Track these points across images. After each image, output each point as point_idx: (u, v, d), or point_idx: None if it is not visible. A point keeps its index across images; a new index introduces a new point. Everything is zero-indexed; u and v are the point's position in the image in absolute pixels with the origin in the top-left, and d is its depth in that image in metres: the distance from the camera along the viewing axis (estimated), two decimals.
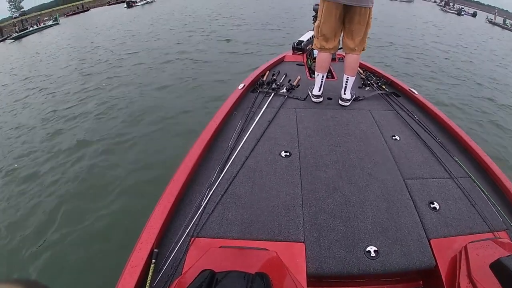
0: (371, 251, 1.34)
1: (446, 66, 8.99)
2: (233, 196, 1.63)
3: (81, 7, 35.74)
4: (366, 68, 3.46)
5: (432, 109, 2.55)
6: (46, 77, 8.79)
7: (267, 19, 15.43)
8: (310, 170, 1.82)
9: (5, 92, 8.19)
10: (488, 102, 6.43)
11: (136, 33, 14.28)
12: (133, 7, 28.56)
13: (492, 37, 18.55)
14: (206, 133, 2.02)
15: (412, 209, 1.57)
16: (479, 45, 14.12)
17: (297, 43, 3.92)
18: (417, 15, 23.34)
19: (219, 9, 20.54)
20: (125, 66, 8.62)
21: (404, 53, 9.92)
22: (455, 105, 6.00)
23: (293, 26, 13.30)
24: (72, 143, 4.61)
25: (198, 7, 22.92)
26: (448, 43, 12.83)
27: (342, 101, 2.61)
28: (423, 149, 2.08)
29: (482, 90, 7.29)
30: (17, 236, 3.03)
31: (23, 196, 3.61)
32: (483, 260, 1.18)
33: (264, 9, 20.26)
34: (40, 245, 2.87)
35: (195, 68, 7.82)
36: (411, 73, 7.75)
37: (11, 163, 4.33)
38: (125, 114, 5.48)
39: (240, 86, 2.73)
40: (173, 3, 27.93)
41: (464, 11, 30.82)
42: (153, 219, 1.39)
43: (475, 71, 8.94)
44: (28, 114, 6.20)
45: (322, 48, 2.52)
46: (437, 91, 6.66)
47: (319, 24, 2.44)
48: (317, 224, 1.47)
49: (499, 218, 1.56)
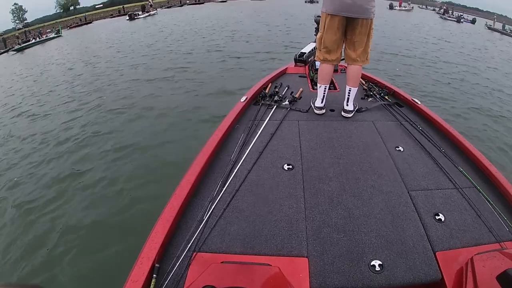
0: (375, 265, 1.32)
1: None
2: (235, 210, 1.62)
3: (84, 20, 36.14)
4: (368, 79, 3.45)
5: (435, 119, 2.52)
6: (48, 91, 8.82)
7: (265, 35, 15.03)
8: (313, 183, 1.81)
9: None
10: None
11: (139, 46, 14.41)
12: (135, 19, 28.88)
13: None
14: (208, 146, 2.02)
15: (417, 221, 1.55)
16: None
17: (299, 55, 3.93)
18: (419, 24, 23.16)
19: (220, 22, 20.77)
20: (124, 79, 8.70)
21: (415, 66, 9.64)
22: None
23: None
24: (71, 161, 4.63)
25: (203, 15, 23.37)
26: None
27: (345, 112, 2.60)
28: (427, 159, 2.05)
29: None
30: (17, 246, 3.05)
31: (21, 209, 3.64)
32: (490, 272, 1.15)
33: (258, 23, 20.24)
34: (39, 259, 2.87)
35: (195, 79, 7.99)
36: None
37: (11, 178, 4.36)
38: (126, 127, 5.52)
39: (242, 98, 2.73)
40: (173, 16, 28.38)
41: (464, 18, 30.82)
42: (155, 233, 1.38)
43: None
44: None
45: (325, 60, 2.53)
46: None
47: (321, 36, 2.46)
48: (321, 238, 1.45)
49: (505, 228, 1.53)
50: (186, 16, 26.90)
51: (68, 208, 3.55)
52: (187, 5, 44.10)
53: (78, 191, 3.84)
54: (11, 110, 7.60)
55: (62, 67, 12.12)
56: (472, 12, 46.25)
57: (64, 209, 3.55)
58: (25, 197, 3.81)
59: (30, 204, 3.68)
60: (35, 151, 5.05)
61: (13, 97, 8.82)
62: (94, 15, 43.55)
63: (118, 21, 30.70)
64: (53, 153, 4.88)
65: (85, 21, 35.19)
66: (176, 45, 13.42)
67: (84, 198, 3.69)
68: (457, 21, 29.62)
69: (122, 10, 40.07)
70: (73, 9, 54.53)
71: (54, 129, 5.81)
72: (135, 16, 29.84)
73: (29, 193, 3.88)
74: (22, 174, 4.38)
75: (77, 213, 3.45)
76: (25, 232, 3.25)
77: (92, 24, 33.71)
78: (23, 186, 4.07)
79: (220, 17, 23.47)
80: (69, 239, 3.08)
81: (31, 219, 3.43)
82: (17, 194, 3.92)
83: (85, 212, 3.45)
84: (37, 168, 4.48)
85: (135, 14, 30.46)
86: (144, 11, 32.52)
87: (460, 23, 28.84)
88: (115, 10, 43.89)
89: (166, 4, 45.05)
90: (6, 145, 5.50)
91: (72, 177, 4.13)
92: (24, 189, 3.98)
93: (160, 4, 45.19)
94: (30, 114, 7.00)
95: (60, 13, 52.73)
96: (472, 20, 31.60)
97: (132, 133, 5.23)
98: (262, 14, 24.84)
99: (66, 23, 36.68)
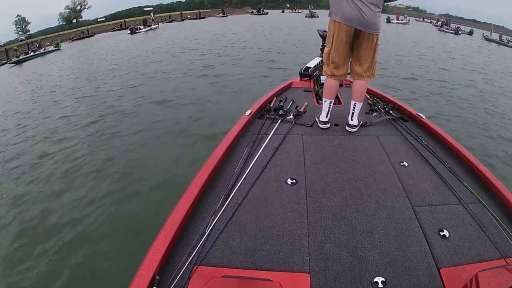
0: (378, 282, 1.30)
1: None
2: (237, 224, 1.61)
3: (86, 32, 36.57)
4: (373, 93, 3.46)
5: (440, 133, 2.51)
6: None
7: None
8: (316, 198, 1.80)
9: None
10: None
11: (145, 57, 14.46)
12: (136, 33, 29.15)
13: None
14: (212, 159, 2.02)
15: (421, 238, 1.53)
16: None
17: (304, 69, 3.96)
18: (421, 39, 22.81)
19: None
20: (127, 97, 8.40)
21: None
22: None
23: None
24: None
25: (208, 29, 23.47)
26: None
27: (349, 127, 2.61)
28: (432, 174, 2.04)
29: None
30: (14, 260, 3.03)
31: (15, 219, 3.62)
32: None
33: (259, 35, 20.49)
34: (39, 271, 2.85)
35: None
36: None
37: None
38: (129, 137, 5.54)
39: (247, 112, 2.75)
40: (176, 30, 28.63)
41: (461, 30, 31.18)
42: (156, 245, 1.38)
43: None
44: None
45: (332, 75, 2.54)
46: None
47: (329, 52, 2.47)
48: (323, 254, 1.44)
49: (511, 244, 1.50)
50: (187, 31, 27.13)
51: (67, 215, 3.55)
52: (188, 20, 44.73)
53: (76, 200, 3.83)
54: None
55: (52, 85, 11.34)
56: (470, 24, 46.68)
57: (63, 216, 3.55)
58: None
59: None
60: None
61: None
62: (96, 28, 43.99)
63: (120, 34, 30.94)
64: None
65: (87, 34, 35.53)
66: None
67: (83, 205, 3.70)
68: (455, 33, 29.86)
69: (124, 24, 40.48)
70: (75, 22, 55.27)
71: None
72: (136, 30, 30.07)
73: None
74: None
75: (75, 220, 3.45)
76: (20, 244, 3.22)
77: (94, 37, 34.04)
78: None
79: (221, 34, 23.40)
80: (67, 248, 3.07)
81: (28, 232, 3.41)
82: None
83: (83, 220, 3.45)
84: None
85: (137, 28, 30.67)
86: (146, 25, 32.83)
87: (458, 35, 29.07)
88: (117, 24, 44.33)
89: (168, 19, 45.64)
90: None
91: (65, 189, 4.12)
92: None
93: (162, 18, 45.84)
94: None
95: (63, 25, 53.39)
96: (469, 31, 31.88)
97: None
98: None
99: (69, 35, 37.05)
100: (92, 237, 3.19)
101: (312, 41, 13.01)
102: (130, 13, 59.53)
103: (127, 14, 57.66)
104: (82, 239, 3.17)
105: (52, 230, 3.36)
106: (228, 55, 13.52)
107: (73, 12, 56.33)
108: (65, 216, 3.56)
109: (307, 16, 39.91)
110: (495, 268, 1.27)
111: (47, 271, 2.84)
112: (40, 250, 3.09)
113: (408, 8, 72.49)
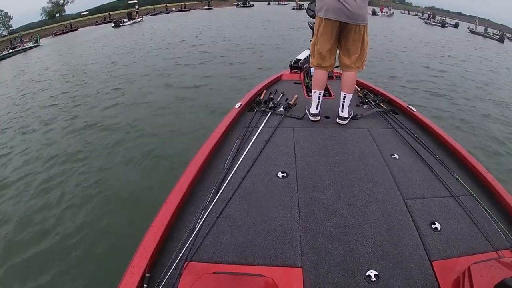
0: (371, 275, 1.30)
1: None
2: (228, 218, 1.58)
3: (69, 27, 35.46)
4: (363, 86, 3.46)
5: (431, 126, 2.52)
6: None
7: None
8: (307, 192, 1.78)
9: None
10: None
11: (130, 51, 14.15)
12: (120, 26, 28.57)
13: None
14: (202, 153, 1.99)
15: (413, 230, 1.53)
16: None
17: (294, 62, 3.94)
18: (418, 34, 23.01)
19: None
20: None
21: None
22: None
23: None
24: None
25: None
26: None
27: (340, 119, 2.60)
28: (423, 167, 2.05)
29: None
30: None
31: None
32: (488, 282, 1.13)
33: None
34: (31, 271, 2.81)
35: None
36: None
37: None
38: (118, 133, 5.46)
39: (237, 105, 2.71)
40: (161, 23, 28.14)
41: (447, 23, 31.59)
42: (146, 242, 1.35)
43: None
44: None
45: (319, 66, 2.52)
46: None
47: (315, 42, 2.46)
48: (315, 248, 1.43)
49: (502, 237, 1.52)
50: (171, 24, 26.63)
51: (58, 213, 3.52)
52: (173, 12, 44.16)
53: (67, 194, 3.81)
54: None
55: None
56: (455, 17, 47.47)
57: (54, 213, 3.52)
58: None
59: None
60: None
61: None
62: (79, 22, 42.92)
63: (103, 28, 30.27)
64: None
65: (70, 28, 34.51)
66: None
67: (73, 201, 3.67)
68: (442, 26, 30.27)
69: (108, 17, 39.55)
70: (58, 16, 53.93)
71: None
72: (121, 24, 29.51)
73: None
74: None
75: (64, 217, 3.42)
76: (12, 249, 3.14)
77: (78, 31, 33.14)
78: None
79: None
80: (56, 245, 3.04)
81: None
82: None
83: (74, 216, 3.42)
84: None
85: (121, 22, 30.07)
86: (130, 19, 32.20)
87: (445, 28, 29.43)
88: (101, 17, 43.29)
89: (152, 12, 44.95)
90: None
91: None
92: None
93: (146, 11, 45.12)
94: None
95: (46, 20, 52.06)
96: (455, 24, 32.46)
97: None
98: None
99: (52, 30, 36.01)
100: (80, 235, 3.15)
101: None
102: (114, 6, 58.16)
103: (111, 7, 56.26)
104: (69, 238, 3.13)
105: (40, 228, 3.33)
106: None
107: (56, 6, 54.92)
108: (51, 215, 3.52)
109: (294, 8, 39.10)
110: (488, 261, 1.28)
111: (35, 273, 2.79)
112: (28, 251, 3.05)
113: (394, 1, 73.05)
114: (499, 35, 26.44)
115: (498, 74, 11.09)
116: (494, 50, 18.33)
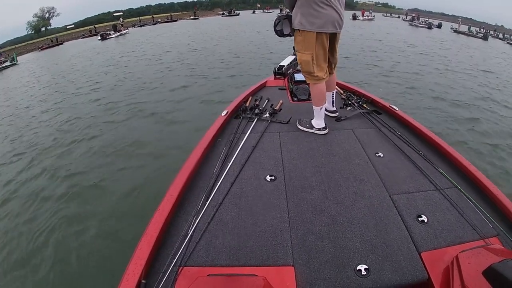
0: (361, 269, 1.32)
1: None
2: (219, 223, 1.61)
3: (55, 41, 35.21)
4: (346, 88, 3.50)
5: (413, 124, 2.57)
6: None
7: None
8: (296, 193, 1.81)
9: None
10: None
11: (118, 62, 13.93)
12: (107, 39, 28.46)
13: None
14: (191, 161, 2.01)
15: (400, 224, 1.56)
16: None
17: (278, 68, 3.97)
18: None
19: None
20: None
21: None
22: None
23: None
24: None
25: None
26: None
27: (332, 113, 2.71)
28: (407, 163, 2.09)
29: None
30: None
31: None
32: (476, 268, 1.16)
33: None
34: (25, 279, 2.76)
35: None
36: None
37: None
38: (110, 142, 5.36)
39: (223, 113, 2.73)
40: (145, 34, 28.10)
41: (433, 24, 32.04)
42: (140, 250, 1.36)
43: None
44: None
45: (321, 79, 2.40)
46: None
47: (312, 58, 2.32)
48: (306, 247, 1.45)
49: (488, 225, 1.55)
50: (156, 36, 26.25)
51: (53, 220, 3.47)
52: (159, 23, 44.23)
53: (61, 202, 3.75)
54: None
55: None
56: (439, 17, 48.22)
57: (47, 221, 3.47)
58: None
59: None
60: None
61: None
62: (65, 36, 42.70)
63: (90, 41, 30.08)
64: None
65: (56, 42, 34.27)
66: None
67: (70, 209, 3.64)
68: (428, 27, 30.61)
69: (94, 30, 39.40)
70: (44, 30, 53.61)
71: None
72: (107, 36, 29.39)
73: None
74: None
75: (61, 228, 3.35)
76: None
77: (63, 45, 32.87)
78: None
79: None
80: (52, 254, 2.99)
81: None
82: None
83: (69, 226, 3.36)
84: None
85: (107, 34, 29.96)
86: (116, 31, 32.10)
87: (431, 29, 29.81)
88: (87, 30, 43.13)
89: (138, 23, 44.97)
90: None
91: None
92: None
93: (132, 23, 45.19)
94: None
95: (32, 34, 51.72)
96: (438, 24, 32.92)
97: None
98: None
99: (38, 44, 35.79)
100: (75, 243, 3.11)
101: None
102: (99, 19, 58.29)
103: (96, 20, 56.41)
104: (64, 246, 3.10)
105: (35, 234, 3.30)
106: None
107: (41, 20, 54.80)
108: (46, 220, 3.49)
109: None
110: (475, 249, 1.32)
111: (31, 275, 2.78)
112: (22, 257, 3.02)
113: (377, 4, 74.35)
114: (483, 33, 27.04)
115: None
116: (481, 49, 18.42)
